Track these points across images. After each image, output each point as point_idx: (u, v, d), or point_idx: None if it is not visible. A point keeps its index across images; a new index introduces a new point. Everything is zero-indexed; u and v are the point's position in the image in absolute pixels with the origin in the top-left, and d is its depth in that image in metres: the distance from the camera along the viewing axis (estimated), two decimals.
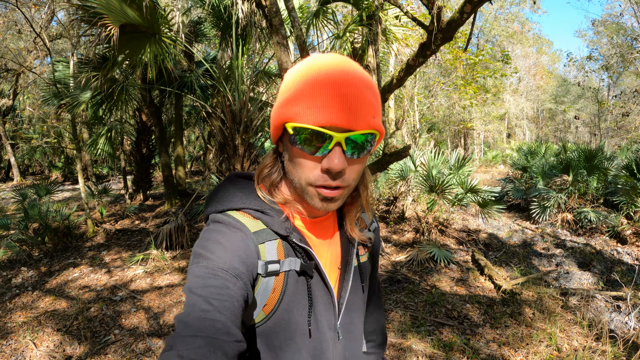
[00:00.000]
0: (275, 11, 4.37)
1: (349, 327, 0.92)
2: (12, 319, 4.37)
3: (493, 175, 14.86)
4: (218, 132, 5.92)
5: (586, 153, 7.84)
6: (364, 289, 0.96)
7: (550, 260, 5.82)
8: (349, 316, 0.92)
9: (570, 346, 3.42)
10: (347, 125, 0.70)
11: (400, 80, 3.85)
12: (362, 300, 0.96)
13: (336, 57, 0.75)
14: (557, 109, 31.66)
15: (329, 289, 0.86)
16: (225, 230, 0.78)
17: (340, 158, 0.71)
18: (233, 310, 0.68)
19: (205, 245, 0.75)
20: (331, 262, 0.90)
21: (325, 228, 0.89)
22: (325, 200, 0.75)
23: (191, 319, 0.64)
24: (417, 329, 3.82)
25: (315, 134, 0.70)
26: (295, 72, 0.76)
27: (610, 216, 6.77)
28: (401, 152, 4.31)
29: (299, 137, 0.72)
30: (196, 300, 0.67)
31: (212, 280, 0.69)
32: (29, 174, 20.58)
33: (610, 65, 18.12)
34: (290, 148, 0.76)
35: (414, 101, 13.85)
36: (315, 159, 0.73)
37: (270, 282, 0.79)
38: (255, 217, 0.81)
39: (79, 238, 7.38)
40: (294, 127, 0.72)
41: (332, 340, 0.88)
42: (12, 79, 16.01)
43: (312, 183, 0.74)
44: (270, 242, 0.80)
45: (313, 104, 0.70)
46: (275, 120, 0.77)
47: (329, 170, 0.72)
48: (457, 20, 2.83)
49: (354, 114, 0.70)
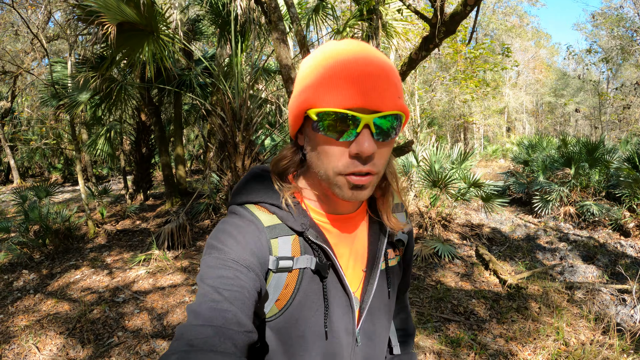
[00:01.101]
0: (274, 7, 4.32)
1: (371, 334, 0.88)
2: (15, 322, 4.34)
3: (494, 170, 14.81)
4: (218, 130, 5.89)
5: (587, 146, 7.81)
6: (389, 294, 0.91)
7: (554, 254, 5.80)
8: (372, 322, 0.88)
9: (578, 340, 3.39)
10: (374, 107, 0.67)
11: (403, 74, 3.81)
12: (387, 306, 0.91)
13: (352, 41, 0.72)
14: (556, 103, 31.61)
15: (346, 291, 0.82)
16: (239, 223, 0.77)
17: (369, 141, 0.67)
18: (244, 301, 0.67)
19: (218, 237, 0.74)
20: (355, 263, 0.86)
21: (353, 226, 0.85)
22: (355, 188, 0.71)
23: (202, 309, 0.64)
24: (423, 325, 3.79)
25: (342, 117, 0.66)
26: (313, 59, 0.73)
27: (613, 209, 6.74)
28: (404, 147, 4.27)
29: (323, 123, 0.68)
30: (207, 290, 0.67)
31: (224, 270, 0.69)
32: (28, 176, 20.53)
33: (610, 57, 18.05)
34: (313, 137, 0.72)
35: (415, 96, 13.81)
36: (342, 144, 0.69)
37: (282, 278, 0.77)
38: (271, 211, 0.79)
39: (80, 239, 7.34)
40: (317, 112, 0.68)
41: (349, 345, 0.84)
42: (10, 81, 15.94)
43: (341, 172, 0.70)
44: (284, 238, 0.78)
45: (337, 86, 0.66)
46: (295, 109, 0.74)
47: (358, 155, 0.68)
48: (461, 13, 2.79)
49: (380, 94, 0.67)
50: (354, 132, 0.67)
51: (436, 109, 17.62)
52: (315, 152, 0.73)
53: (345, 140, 0.68)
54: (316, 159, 0.74)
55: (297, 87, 0.75)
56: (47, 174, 20.47)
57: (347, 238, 0.84)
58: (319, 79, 0.69)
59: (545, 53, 33.82)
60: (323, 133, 0.69)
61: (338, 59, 0.68)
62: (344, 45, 0.70)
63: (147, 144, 10.29)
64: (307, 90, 0.71)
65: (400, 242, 0.93)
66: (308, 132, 0.74)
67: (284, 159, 0.82)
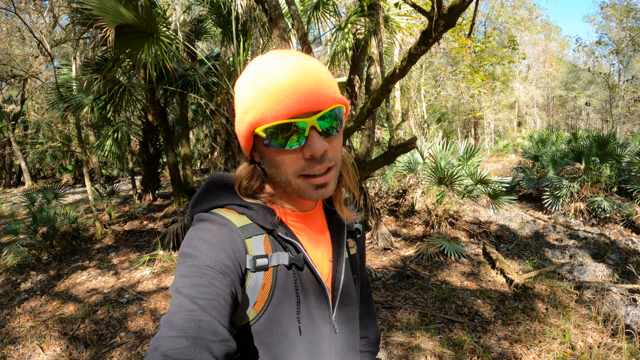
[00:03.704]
0: (275, 5, 4.28)
1: (345, 320, 0.92)
2: (21, 323, 4.38)
3: (504, 165, 14.63)
4: (222, 130, 5.87)
5: (598, 140, 7.63)
6: (355, 281, 0.95)
7: (563, 252, 5.68)
8: (345, 309, 0.92)
9: (585, 343, 3.30)
10: (314, 108, 0.70)
11: (403, 70, 3.73)
12: (355, 292, 0.96)
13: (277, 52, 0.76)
14: (567, 96, 31.14)
15: (319, 282, 0.85)
16: (211, 227, 0.77)
17: (319, 141, 0.71)
18: (220, 309, 0.67)
19: (190, 244, 0.74)
20: (322, 255, 0.89)
21: (315, 221, 0.90)
22: (320, 187, 0.75)
23: (176, 319, 0.63)
24: (426, 326, 3.73)
25: (287, 127, 0.70)
26: (246, 81, 0.76)
27: (624, 205, 6.59)
28: (407, 144, 4.22)
29: (271, 137, 0.72)
30: (181, 300, 0.66)
31: (198, 279, 0.68)
32: (40, 177, 20.82)
33: (621, 49, 17.70)
34: (267, 152, 0.76)
35: (421, 91, 13.67)
36: (295, 151, 0.73)
37: (259, 277, 0.78)
38: (240, 212, 0.81)
39: (88, 240, 7.40)
40: (264, 129, 0.71)
41: (328, 333, 0.87)
42: (19, 85, 16.14)
43: (300, 173, 0.74)
44: (257, 237, 0.79)
45: (275, 99, 0.70)
46: (243, 132, 0.76)
47: (312, 156, 0.72)
48: (459, 5, 2.71)
49: (317, 95, 0.70)
50: (302, 137, 0.71)
51: (445, 105, 17.46)
52: (272, 165, 0.77)
53: (297, 146, 0.72)
54: (275, 170, 0.77)
55: (239, 111, 0.77)
56: (59, 175, 20.73)
57: (312, 232, 0.88)
58: (257, 98, 0.72)
59: (556, 46, 33.38)
60: (274, 146, 0.72)
61: (269, 76, 0.71)
62: (272, 59, 0.73)
63: (154, 145, 10.33)
64: (249, 111, 0.73)
65: (357, 231, 0.98)
66: (261, 148, 0.78)
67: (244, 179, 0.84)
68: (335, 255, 0.91)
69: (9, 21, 13.05)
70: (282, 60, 0.72)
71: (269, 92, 0.70)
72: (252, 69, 0.75)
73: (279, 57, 0.73)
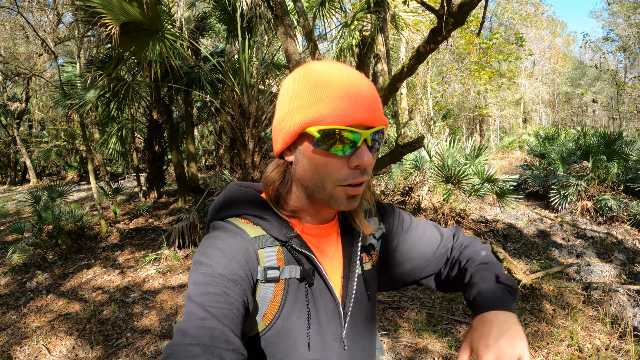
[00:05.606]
0: (280, 2, 4.24)
1: (355, 337, 0.90)
2: (27, 323, 4.39)
3: (510, 162, 14.52)
4: (227, 127, 5.84)
5: (605, 138, 7.55)
6: (369, 297, 0.93)
7: (570, 252, 5.63)
8: (355, 326, 0.90)
9: (593, 345, 3.26)
10: (369, 123, 0.73)
11: (411, 68, 3.70)
12: (367, 309, 0.94)
13: (336, 62, 0.77)
14: (573, 93, 30.88)
15: (334, 297, 0.84)
16: (224, 236, 0.78)
17: (368, 154, 0.73)
18: (232, 318, 0.67)
19: (204, 252, 0.75)
20: (336, 270, 0.89)
21: (329, 234, 0.89)
22: (351, 198, 0.76)
23: (189, 327, 0.64)
24: (433, 327, 3.71)
25: (344, 133, 0.71)
26: (301, 78, 0.76)
27: (632, 204, 6.52)
28: (414, 142, 4.17)
29: (325, 139, 0.72)
30: (194, 308, 0.67)
31: (211, 287, 0.69)
32: (45, 175, 20.87)
33: (628, 45, 17.52)
34: (310, 153, 0.75)
35: (427, 88, 13.59)
36: (342, 158, 0.74)
37: (269, 289, 0.78)
38: (255, 223, 0.82)
39: (93, 239, 7.40)
40: (319, 129, 0.71)
41: (337, 351, 0.85)
42: (24, 83, 16.17)
43: (341, 182, 0.75)
44: (270, 248, 0.79)
45: (338, 105, 0.71)
46: (290, 128, 0.76)
47: (358, 166, 0.74)
48: (469, 3, 2.68)
49: (373, 112, 0.73)
50: (354, 146, 0.73)
51: (451, 101, 17.37)
52: (312, 167, 0.76)
53: (344, 154, 0.73)
54: (312, 173, 0.76)
55: (287, 107, 0.77)
56: (64, 172, 20.79)
57: (326, 246, 0.88)
58: (316, 98, 0.72)
59: (561, 42, 33.11)
60: (324, 148, 0.72)
61: (334, 80, 0.72)
62: (331, 67, 0.75)
63: (159, 142, 10.32)
64: (304, 108, 0.73)
65: (371, 246, 0.95)
66: (303, 148, 0.76)
67: (276, 181, 0.83)
68: (346, 271, 0.89)
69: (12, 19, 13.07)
70: (342, 68, 0.75)
71: (330, 95, 0.71)
72: (310, 70, 0.76)
73: (338, 65, 0.76)
